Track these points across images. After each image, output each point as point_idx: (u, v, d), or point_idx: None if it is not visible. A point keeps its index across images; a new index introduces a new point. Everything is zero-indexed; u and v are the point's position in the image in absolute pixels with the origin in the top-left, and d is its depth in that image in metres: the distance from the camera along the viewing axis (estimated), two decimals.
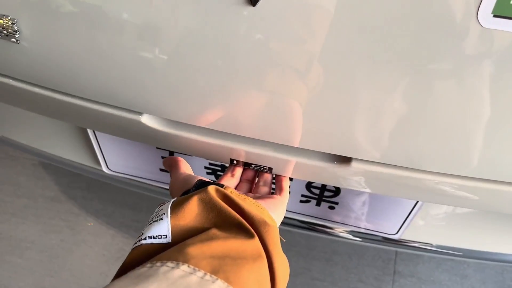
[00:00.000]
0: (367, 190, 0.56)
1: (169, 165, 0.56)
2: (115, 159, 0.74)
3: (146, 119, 0.52)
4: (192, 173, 0.54)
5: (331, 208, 0.70)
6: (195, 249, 0.32)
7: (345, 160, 0.50)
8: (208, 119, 0.49)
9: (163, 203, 0.42)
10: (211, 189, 0.40)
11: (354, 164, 0.49)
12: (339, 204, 0.69)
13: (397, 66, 0.39)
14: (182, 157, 0.59)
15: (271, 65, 0.42)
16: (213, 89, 0.45)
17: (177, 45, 0.43)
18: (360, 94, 0.42)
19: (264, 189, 0.56)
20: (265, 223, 0.39)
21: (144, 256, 0.35)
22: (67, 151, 0.77)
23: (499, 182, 0.48)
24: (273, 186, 0.58)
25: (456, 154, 0.45)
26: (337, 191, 0.67)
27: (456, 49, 0.37)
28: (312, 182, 0.66)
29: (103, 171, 0.77)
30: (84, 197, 1.29)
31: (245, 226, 0.37)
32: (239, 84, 0.44)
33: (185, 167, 0.55)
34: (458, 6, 0.35)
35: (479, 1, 0.34)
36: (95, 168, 0.77)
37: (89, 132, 0.69)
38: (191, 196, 0.39)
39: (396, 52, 0.38)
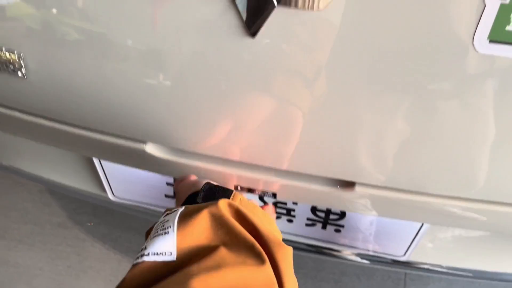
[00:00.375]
0: (371, 213, 0.55)
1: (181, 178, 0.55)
2: (120, 186, 0.74)
3: (150, 148, 0.53)
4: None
5: (337, 231, 0.70)
6: (199, 283, 0.30)
7: (349, 184, 0.50)
8: (211, 146, 0.49)
9: (169, 210, 0.39)
10: (223, 203, 0.38)
11: (357, 188, 0.49)
12: (344, 227, 0.68)
13: (398, 92, 0.39)
14: None
15: (272, 92, 0.42)
16: (216, 116, 0.46)
17: (180, 75, 0.43)
18: (361, 119, 0.42)
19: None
20: (280, 245, 0.36)
21: (145, 275, 0.33)
22: (73, 179, 0.78)
23: (505, 204, 0.47)
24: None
25: (460, 176, 0.45)
26: (342, 214, 0.66)
27: (455, 75, 0.37)
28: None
29: (109, 198, 0.77)
30: (90, 222, 1.29)
31: (257, 249, 0.35)
32: (242, 111, 0.44)
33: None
34: (454, 32, 0.36)
35: (475, 27, 0.35)
36: (101, 195, 0.78)
37: (95, 160, 0.69)
38: (201, 210, 0.37)
39: (397, 78, 0.39)
